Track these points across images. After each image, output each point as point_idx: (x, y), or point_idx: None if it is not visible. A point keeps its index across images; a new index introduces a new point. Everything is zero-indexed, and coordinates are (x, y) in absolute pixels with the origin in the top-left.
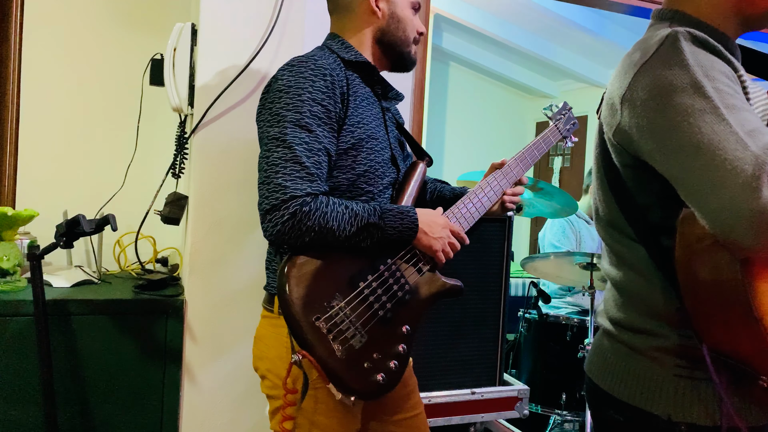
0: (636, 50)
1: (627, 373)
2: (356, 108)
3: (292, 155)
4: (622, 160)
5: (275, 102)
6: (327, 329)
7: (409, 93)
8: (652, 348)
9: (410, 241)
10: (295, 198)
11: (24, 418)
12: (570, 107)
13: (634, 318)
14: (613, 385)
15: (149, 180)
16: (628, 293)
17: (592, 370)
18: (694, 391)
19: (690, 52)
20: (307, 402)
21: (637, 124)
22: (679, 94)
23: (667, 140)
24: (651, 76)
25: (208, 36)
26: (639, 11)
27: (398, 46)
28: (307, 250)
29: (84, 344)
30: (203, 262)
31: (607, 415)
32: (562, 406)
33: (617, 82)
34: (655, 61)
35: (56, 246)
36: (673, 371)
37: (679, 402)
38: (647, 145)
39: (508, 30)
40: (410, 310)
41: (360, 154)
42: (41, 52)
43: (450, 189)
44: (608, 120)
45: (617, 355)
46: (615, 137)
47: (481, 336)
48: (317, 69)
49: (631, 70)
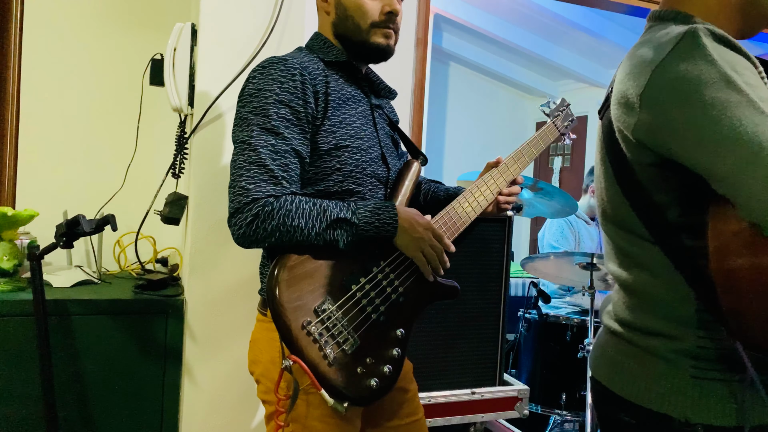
0: (645, 49)
1: (641, 375)
2: (337, 108)
3: (257, 158)
4: (640, 159)
5: (244, 105)
6: (318, 334)
7: (409, 93)
8: (668, 350)
9: (391, 239)
10: (257, 200)
11: (24, 418)
12: (568, 103)
13: (648, 320)
14: (625, 388)
15: (149, 180)
16: (640, 295)
17: (600, 373)
18: (712, 391)
19: (712, 47)
20: (300, 407)
21: (665, 120)
22: (711, 88)
23: (705, 134)
24: (674, 72)
25: (208, 36)
26: (639, 11)
27: (351, 35)
28: (298, 253)
29: (84, 344)
30: (203, 262)
31: (617, 418)
32: (562, 406)
33: (630, 80)
34: (674, 57)
35: (56, 246)
36: (689, 372)
37: (696, 403)
38: (678, 142)
39: (508, 30)
40: (404, 313)
41: (344, 154)
42: (41, 52)
43: (444, 189)
44: (623, 119)
45: (628, 357)
46: (635, 135)
47: (481, 336)
48: (286, 69)
49: (648, 68)
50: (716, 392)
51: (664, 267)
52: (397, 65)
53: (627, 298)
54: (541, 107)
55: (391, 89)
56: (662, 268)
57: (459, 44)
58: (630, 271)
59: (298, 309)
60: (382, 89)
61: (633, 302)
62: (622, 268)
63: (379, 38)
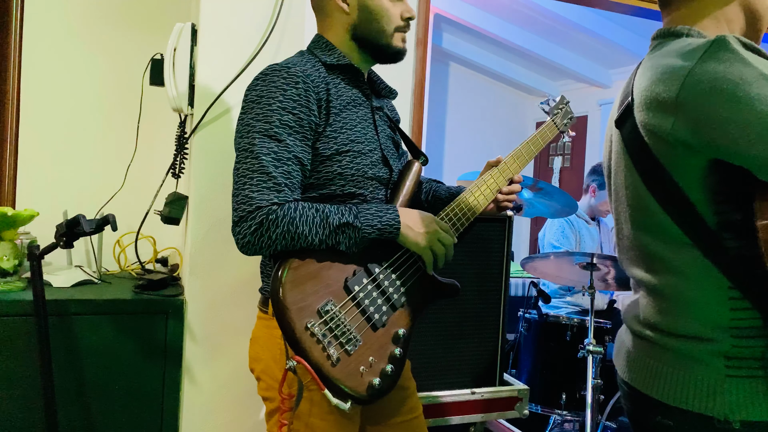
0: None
1: (677, 378)
2: (339, 113)
3: (260, 165)
4: (678, 160)
5: (246, 113)
6: (321, 334)
7: (409, 93)
8: (703, 352)
9: (395, 240)
10: (260, 208)
11: (24, 418)
12: (567, 101)
13: (681, 323)
14: (662, 391)
15: (149, 180)
16: (673, 299)
17: (634, 378)
18: (748, 387)
19: (744, 52)
20: (302, 405)
21: (710, 116)
22: (754, 86)
23: (755, 126)
24: (713, 73)
25: (208, 36)
26: (639, 11)
27: (374, 39)
28: (299, 254)
29: (84, 344)
30: (203, 262)
31: (655, 422)
32: (562, 406)
33: (660, 85)
34: (708, 61)
35: (56, 246)
36: (726, 372)
37: (734, 401)
38: (726, 136)
39: (508, 30)
40: (406, 313)
41: (345, 158)
42: (41, 52)
43: (445, 188)
44: (656, 122)
45: (663, 361)
46: (673, 136)
47: (481, 336)
48: (290, 77)
49: (680, 72)
50: (752, 388)
51: (700, 269)
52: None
53: (658, 302)
54: (541, 105)
55: (391, 89)
56: (698, 270)
57: (459, 44)
58: (661, 276)
59: (301, 310)
60: (383, 89)
61: (665, 306)
62: (651, 273)
63: (399, 42)
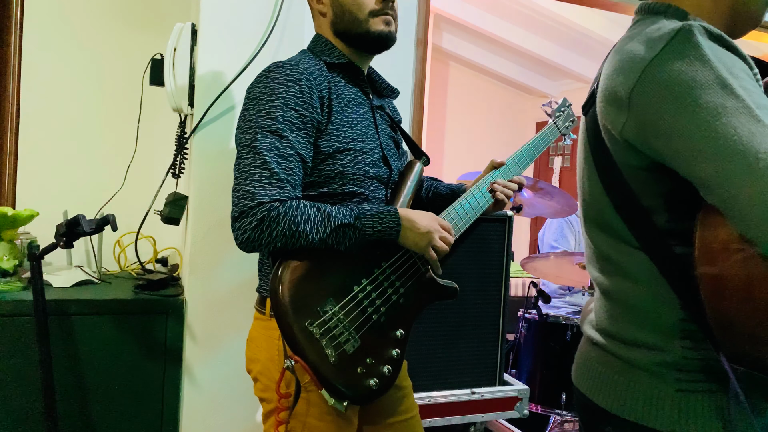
0: (635, 43)
1: (626, 388)
2: (340, 112)
3: (262, 161)
4: (628, 160)
5: (249, 109)
6: (320, 334)
7: (409, 93)
8: (652, 362)
9: (395, 241)
10: (262, 204)
11: (24, 418)
12: (570, 103)
13: (632, 331)
14: (611, 401)
15: (149, 180)
16: (622, 304)
17: (583, 385)
18: (698, 404)
19: (708, 47)
20: (299, 405)
21: (656, 122)
22: (706, 92)
23: (698, 142)
24: (668, 72)
25: (208, 36)
26: None
27: (351, 29)
28: (299, 254)
29: (84, 344)
30: (203, 262)
31: (602, 430)
32: (562, 406)
33: (619, 76)
34: (668, 55)
35: (56, 246)
36: (675, 386)
37: (683, 416)
38: (669, 147)
39: (508, 30)
40: (404, 314)
41: (346, 157)
42: (41, 52)
43: (446, 186)
44: (612, 117)
45: (612, 369)
46: (623, 135)
47: (481, 336)
48: (292, 74)
49: (639, 64)
50: (702, 405)
51: (649, 275)
52: (397, 65)
53: (609, 307)
54: (543, 107)
55: (393, 88)
56: (647, 275)
57: (459, 44)
58: (612, 278)
59: (300, 309)
60: (384, 89)
61: (615, 311)
62: (603, 274)
63: (380, 25)
